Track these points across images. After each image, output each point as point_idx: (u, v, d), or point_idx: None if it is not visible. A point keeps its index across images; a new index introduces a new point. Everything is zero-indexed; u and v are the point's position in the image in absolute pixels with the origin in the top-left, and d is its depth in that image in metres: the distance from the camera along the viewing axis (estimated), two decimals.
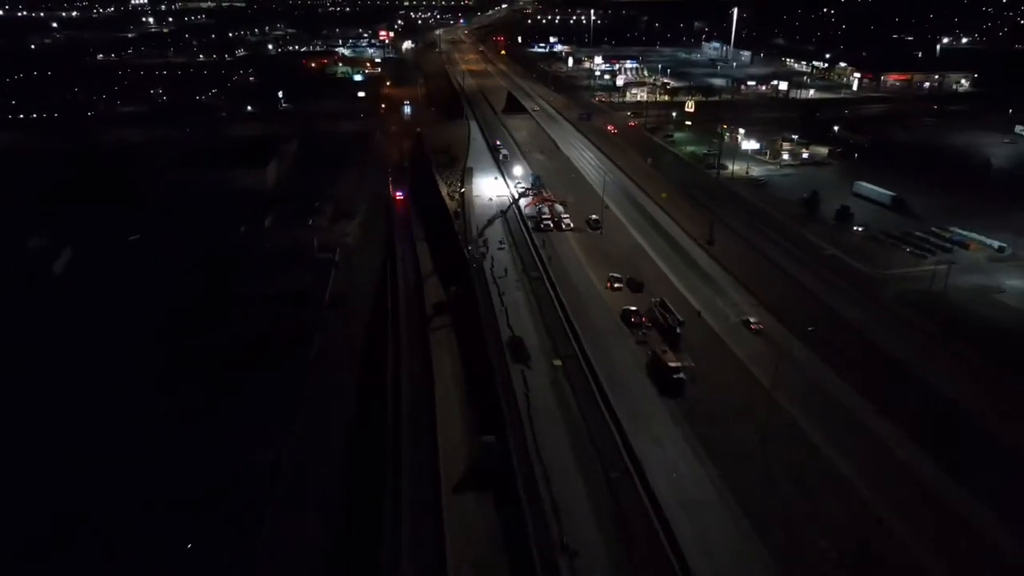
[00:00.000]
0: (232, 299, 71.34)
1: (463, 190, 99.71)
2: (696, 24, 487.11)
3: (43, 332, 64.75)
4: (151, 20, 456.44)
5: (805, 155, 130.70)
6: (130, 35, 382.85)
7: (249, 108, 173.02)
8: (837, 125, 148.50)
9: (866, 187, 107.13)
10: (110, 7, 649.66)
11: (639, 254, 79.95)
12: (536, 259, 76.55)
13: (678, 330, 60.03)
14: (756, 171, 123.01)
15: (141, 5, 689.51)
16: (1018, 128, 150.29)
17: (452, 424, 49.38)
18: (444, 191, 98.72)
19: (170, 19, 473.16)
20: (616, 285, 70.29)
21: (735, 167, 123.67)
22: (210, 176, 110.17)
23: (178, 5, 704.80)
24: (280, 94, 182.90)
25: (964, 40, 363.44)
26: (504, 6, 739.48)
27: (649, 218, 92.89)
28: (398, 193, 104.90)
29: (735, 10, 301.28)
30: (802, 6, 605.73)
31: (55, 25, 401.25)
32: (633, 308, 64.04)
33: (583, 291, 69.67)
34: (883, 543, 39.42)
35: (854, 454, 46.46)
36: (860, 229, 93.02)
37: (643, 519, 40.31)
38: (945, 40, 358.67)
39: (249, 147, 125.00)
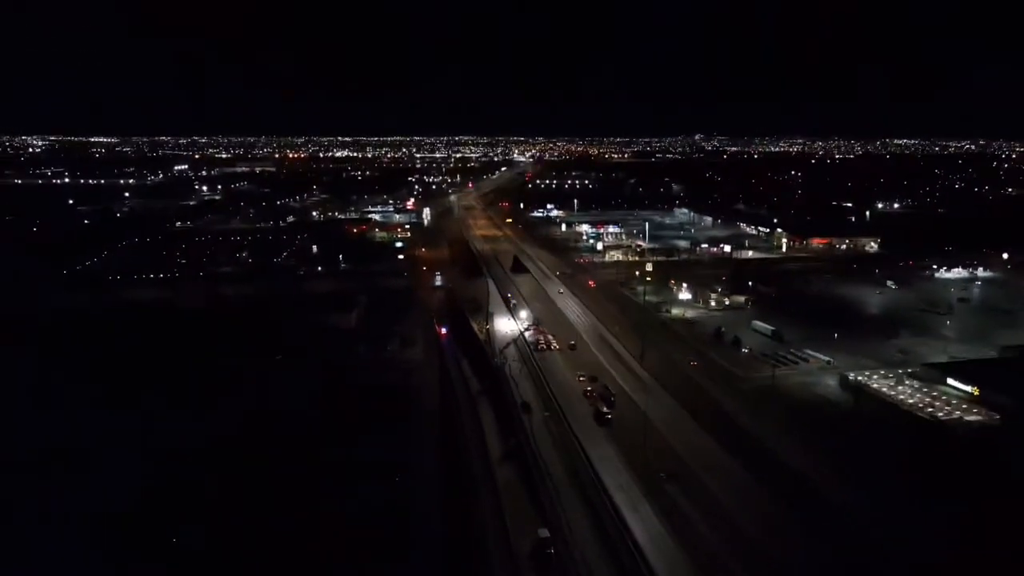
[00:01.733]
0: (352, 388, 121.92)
1: (488, 327, 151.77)
2: (674, 187, 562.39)
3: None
4: (205, 188, 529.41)
5: (727, 302, 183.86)
6: (192, 202, 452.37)
7: (320, 268, 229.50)
8: (754, 280, 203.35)
9: (758, 324, 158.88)
10: (157, 172, 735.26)
11: (597, 363, 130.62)
12: (535, 366, 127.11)
13: (612, 399, 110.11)
14: (691, 313, 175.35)
15: (182, 170, 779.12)
16: (888, 282, 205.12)
17: (494, 440, 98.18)
18: (476, 327, 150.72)
19: (219, 186, 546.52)
20: (581, 378, 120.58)
21: (676, 310, 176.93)
22: (313, 318, 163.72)
23: (217, 171, 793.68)
24: (340, 257, 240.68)
25: (896, 205, 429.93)
26: (504, 169, 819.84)
27: (607, 343, 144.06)
28: (442, 329, 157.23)
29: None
30: (766, 172, 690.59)
31: (127, 194, 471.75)
32: (589, 389, 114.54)
33: (562, 381, 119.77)
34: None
35: (689, 448, 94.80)
36: (746, 351, 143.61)
37: (579, 454, 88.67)
38: (880, 205, 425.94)
39: (336, 298, 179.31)
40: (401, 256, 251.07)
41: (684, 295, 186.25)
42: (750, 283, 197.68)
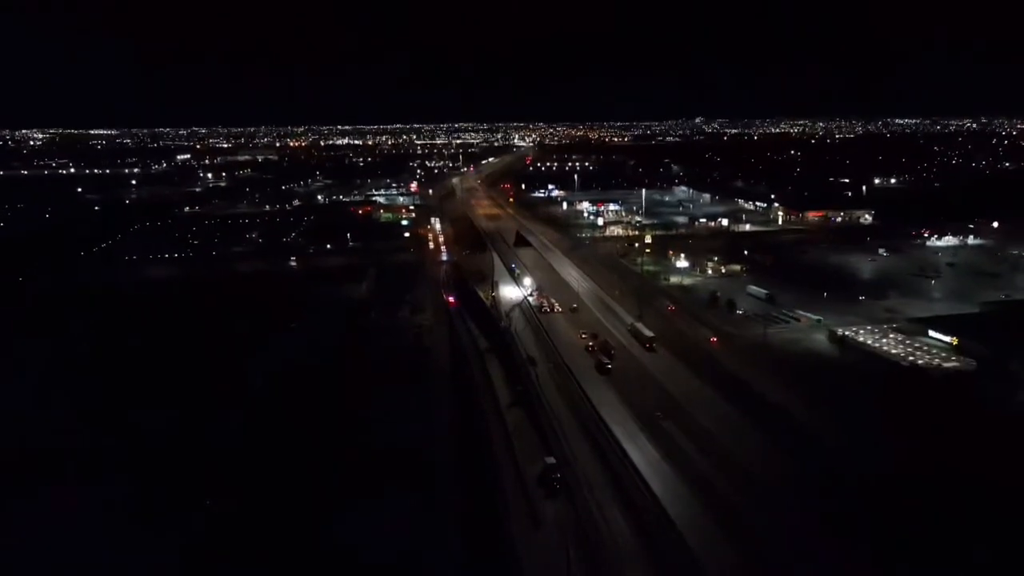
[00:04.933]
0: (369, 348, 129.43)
1: (494, 294, 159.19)
2: (674, 168, 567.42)
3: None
4: (210, 176, 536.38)
5: (723, 270, 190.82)
6: (198, 189, 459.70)
7: (329, 246, 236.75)
8: (750, 250, 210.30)
9: (753, 288, 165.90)
10: (161, 161, 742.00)
11: (598, 322, 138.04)
12: (539, 325, 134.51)
13: (612, 352, 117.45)
14: (688, 281, 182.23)
15: (186, 159, 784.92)
16: (880, 250, 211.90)
17: (502, 389, 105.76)
18: (482, 295, 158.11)
19: (223, 174, 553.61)
20: (583, 336, 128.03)
21: (674, 278, 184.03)
22: (326, 290, 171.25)
23: (219, 160, 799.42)
24: (348, 236, 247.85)
25: (892, 180, 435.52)
26: (504, 155, 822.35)
27: (607, 306, 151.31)
28: (450, 297, 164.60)
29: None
30: (765, 152, 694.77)
31: (134, 182, 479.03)
32: (591, 344, 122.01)
33: (565, 339, 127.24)
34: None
35: (683, 392, 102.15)
36: (740, 312, 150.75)
37: (581, 398, 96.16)
38: (877, 180, 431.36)
39: (348, 271, 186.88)
40: (407, 235, 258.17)
41: (681, 264, 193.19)
42: (746, 253, 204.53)
